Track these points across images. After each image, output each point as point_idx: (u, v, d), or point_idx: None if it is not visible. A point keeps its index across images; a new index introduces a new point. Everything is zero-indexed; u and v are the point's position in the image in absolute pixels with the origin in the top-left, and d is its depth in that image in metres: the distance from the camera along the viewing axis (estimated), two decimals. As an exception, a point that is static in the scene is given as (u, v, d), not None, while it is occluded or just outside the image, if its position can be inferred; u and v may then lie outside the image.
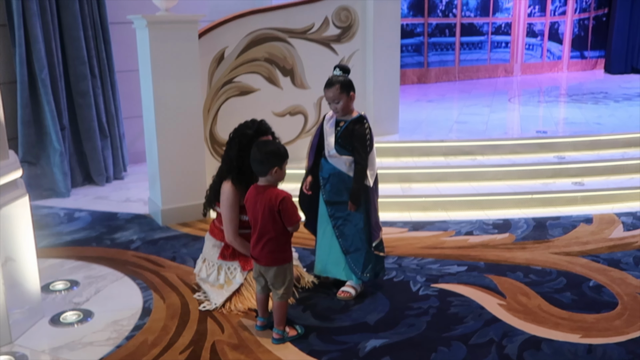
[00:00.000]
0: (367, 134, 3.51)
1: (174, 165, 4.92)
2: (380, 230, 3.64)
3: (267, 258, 3.05)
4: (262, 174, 3.05)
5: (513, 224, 4.84)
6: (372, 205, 3.58)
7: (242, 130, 3.47)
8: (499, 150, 5.84)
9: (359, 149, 3.49)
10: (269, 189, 3.03)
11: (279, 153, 3.05)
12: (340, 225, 3.61)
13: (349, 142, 3.51)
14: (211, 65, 5.17)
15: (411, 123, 6.80)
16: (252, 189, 3.11)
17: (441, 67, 11.35)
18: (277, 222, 3.01)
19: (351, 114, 3.57)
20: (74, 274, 4.02)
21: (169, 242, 4.58)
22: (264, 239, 3.04)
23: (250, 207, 3.09)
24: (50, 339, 3.20)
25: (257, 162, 3.04)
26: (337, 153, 3.54)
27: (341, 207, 3.58)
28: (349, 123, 3.53)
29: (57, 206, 5.63)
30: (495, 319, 3.32)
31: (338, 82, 3.48)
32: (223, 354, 3.01)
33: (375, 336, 3.16)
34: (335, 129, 3.57)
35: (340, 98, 3.47)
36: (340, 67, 3.57)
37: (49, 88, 5.74)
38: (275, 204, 2.98)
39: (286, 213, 2.99)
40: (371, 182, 3.55)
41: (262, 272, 3.11)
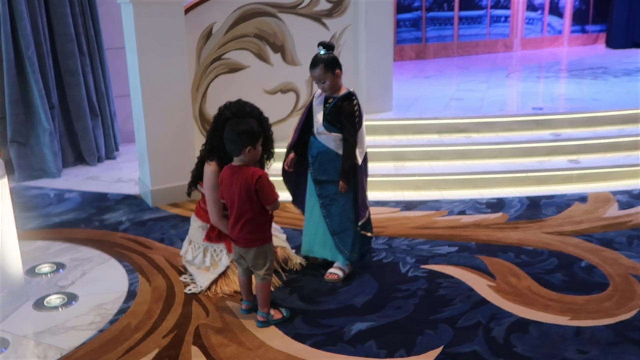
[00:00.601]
0: (356, 111, 3.43)
1: (162, 145, 4.84)
2: (367, 210, 3.58)
3: (246, 239, 2.99)
4: (236, 154, 2.98)
5: (507, 203, 4.77)
6: (360, 184, 3.52)
7: (221, 111, 3.38)
8: (494, 128, 5.75)
9: (348, 126, 3.42)
10: (244, 168, 2.96)
11: (251, 132, 2.96)
12: (328, 204, 3.56)
13: (337, 119, 3.44)
14: (199, 42, 5.06)
15: (406, 100, 6.69)
16: (227, 169, 3.04)
17: (439, 43, 11.17)
18: (254, 202, 2.94)
19: (340, 91, 3.48)
20: (60, 257, 3.97)
21: (157, 224, 4.53)
22: (242, 220, 2.97)
23: (225, 188, 3.03)
24: (33, 323, 3.17)
25: (229, 141, 2.97)
26: (326, 130, 3.47)
27: (328, 187, 3.53)
28: (338, 100, 3.45)
29: (47, 187, 5.57)
30: (484, 301, 3.27)
31: (322, 62, 3.39)
32: (206, 338, 2.97)
33: (362, 319, 3.12)
34: (323, 106, 3.50)
35: (326, 77, 3.39)
36: (323, 44, 3.47)
37: (36, 66, 5.64)
38: (251, 183, 2.91)
39: (263, 192, 2.92)
40: (360, 160, 3.48)
41: (242, 254, 3.05)
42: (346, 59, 5.80)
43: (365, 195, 3.59)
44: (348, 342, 2.91)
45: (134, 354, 2.84)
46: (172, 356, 2.82)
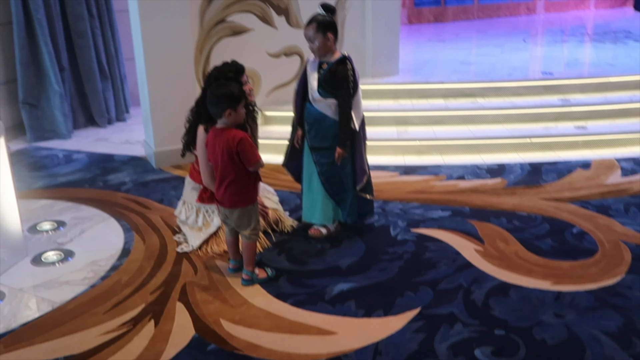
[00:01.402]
0: (350, 75, 3.39)
1: (165, 108, 4.90)
2: (365, 174, 3.57)
3: (230, 200, 3.05)
4: (217, 116, 3.01)
5: (508, 168, 4.74)
6: (358, 149, 3.52)
7: (223, 73, 3.39)
8: (502, 93, 5.68)
9: (342, 91, 3.39)
10: (226, 131, 3.00)
11: (231, 95, 2.97)
12: (326, 171, 3.56)
13: (332, 85, 3.41)
14: (202, 4, 5.06)
15: (416, 64, 6.63)
16: (211, 132, 3.08)
17: (459, 5, 10.98)
18: (236, 164, 2.99)
19: (334, 56, 3.45)
20: (62, 215, 4.09)
21: (159, 185, 4.62)
22: (226, 181, 3.02)
23: (210, 150, 3.08)
24: (30, 278, 3.29)
25: (211, 104, 3.00)
26: (321, 96, 3.44)
27: (326, 153, 3.51)
28: (332, 64, 3.42)
29: (57, 148, 5.70)
30: (469, 265, 3.29)
31: (315, 21, 3.37)
32: (192, 295, 3.06)
33: (345, 280, 3.17)
34: (318, 72, 3.47)
35: (316, 38, 3.36)
36: (323, 5, 3.43)
37: (45, 28, 5.71)
38: (233, 145, 2.95)
39: (245, 154, 2.96)
40: (357, 125, 3.46)
41: (227, 214, 3.11)
42: (353, 22, 5.76)
43: (363, 160, 3.57)
44: (328, 302, 2.97)
45: (121, 309, 2.95)
46: (157, 311, 2.92)
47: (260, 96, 5.52)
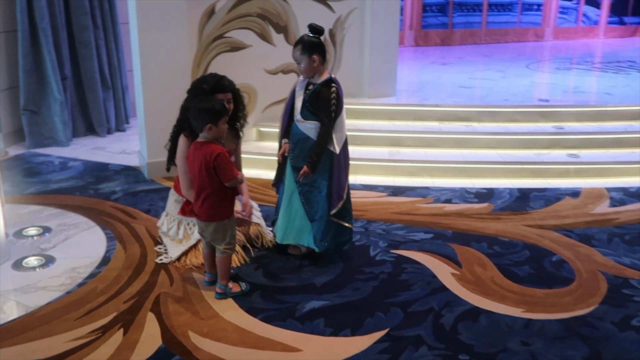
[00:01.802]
0: (333, 98, 3.37)
1: (160, 119, 4.94)
2: (341, 200, 3.50)
3: (207, 214, 3.09)
4: (199, 130, 3.06)
5: (496, 193, 4.74)
6: (336, 173, 3.48)
7: (199, 85, 3.45)
8: (497, 118, 5.70)
9: (323, 113, 3.39)
10: (206, 145, 3.04)
11: (213, 110, 3.01)
12: (307, 192, 3.53)
13: (316, 106, 3.41)
14: (201, 19, 5.14)
15: (414, 86, 6.67)
16: (192, 145, 3.13)
17: (466, 29, 11.03)
18: (213, 178, 3.02)
19: (320, 77, 3.44)
20: (49, 221, 4.15)
21: (148, 195, 4.67)
22: (203, 194, 3.06)
23: (190, 163, 3.12)
24: (9, 281, 3.33)
25: (192, 117, 3.06)
26: (304, 117, 3.45)
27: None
28: (317, 86, 3.43)
29: (54, 155, 5.78)
30: (443, 288, 3.30)
31: (301, 43, 3.39)
32: (164, 305, 3.08)
33: (318, 297, 3.18)
34: (304, 92, 3.50)
35: (302, 59, 3.38)
36: (310, 26, 3.44)
37: (50, 37, 5.83)
38: (210, 160, 2.99)
39: (221, 169, 3.00)
40: (337, 148, 3.45)
41: (203, 227, 3.15)
42: (351, 42, 5.82)
43: (340, 184, 3.51)
44: (297, 319, 2.98)
45: (92, 316, 2.98)
46: (127, 320, 2.95)
47: (256, 112, 5.58)
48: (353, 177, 5.03)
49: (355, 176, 5.07)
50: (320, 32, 3.45)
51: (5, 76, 5.93)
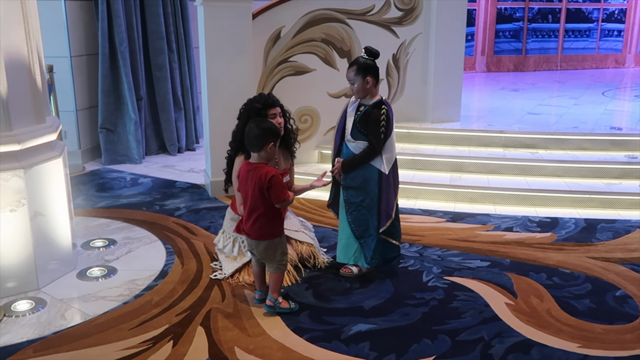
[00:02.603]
0: (382, 120, 3.44)
1: (223, 140, 5.00)
2: (390, 219, 3.56)
3: (257, 232, 3.15)
4: (256, 150, 3.13)
5: (561, 223, 4.57)
6: (384, 192, 3.54)
7: (250, 105, 3.55)
8: (565, 145, 5.52)
9: (372, 134, 3.46)
10: (260, 167, 3.12)
11: (275, 129, 3.14)
12: (354, 210, 3.60)
13: (365, 127, 3.49)
14: (267, 44, 5.29)
15: (481, 111, 6.57)
16: (244, 166, 3.20)
17: (541, 55, 10.76)
18: (266, 199, 3.10)
19: (372, 98, 3.52)
20: (115, 234, 4.34)
21: (210, 213, 4.81)
22: (255, 214, 3.13)
23: (242, 183, 3.20)
24: (72, 290, 3.51)
25: (253, 137, 3.12)
26: (354, 138, 3.53)
27: (354, 193, 3.58)
28: (368, 107, 3.50)
29: (127, 171, 6.06)
30: (495, 318, 3.20)
31: (356, 64, 3.47)
32: (214, 320, 3.15)
33: (365, 321, 3.16)
34: (355, 113, 3.56)
35: (356, 80, 3.45)
36: (366, 49, 3.53)
37: (127, 60, 6.15)
38: (264, 182, 3.06)
39: (274, 191, 3.07)
40: (387, 169, 3.50)
41: (253, 246, 3.21)
42: (414, 67, 5.82)
43: (389, 204, 3.56)
44: (343, 341, 2.97)
45: (145, 327, 3.08)
46: (177, 333, 3.03)
47: (318, 135, 5.66)
48: (413, 201, 5.02)
49: (415, 200, 5.04)
50: (376, 55, 3.51)
51: (86, 96, 6.30)
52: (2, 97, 3.19)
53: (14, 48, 3.25)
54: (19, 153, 3.29)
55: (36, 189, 3.39)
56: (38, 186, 3.40)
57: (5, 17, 3.18)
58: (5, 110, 3.21)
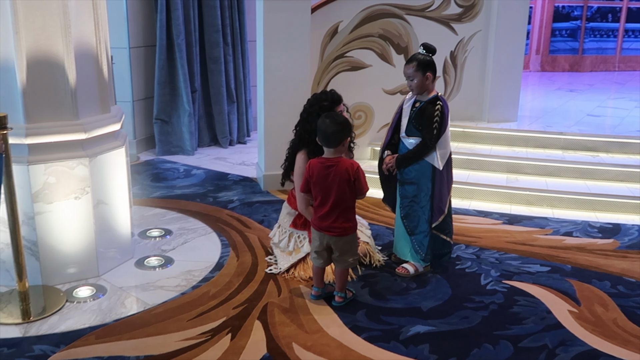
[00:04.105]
0: (436, 115, 3.43)
1: (278, 134, 5.11)
2: (442, 214, 3.57)
3: (342, 228, 3.16)
4: (334, 145, 3.12)
5: (623, 230, 4.42)
6: (437, 187, 3.53)
7: (319, 103, 3.53)
8: (628, 149, 5.33)
9: (425, 129, 3.45)
10: (341, 160, 3.13)
11: (350, 123, 3.17)
12: (407, 205, 3.62)
13: (420, 122, 3.48)
14: (324, 39, 5.26)
15: (538, 112, 6.40)
16: (317, 164, 3.16)
17: (598, 55, 10.45)
18: (352, 192, 3.13)
19: (429, 94, 3.50)
20: (171, 224, 4.39)
21: (263, 206, 4.82)
22: (339, 209, 3.13)
23: (319, 181, 3.15)
24: (131, 278, 3.56)
25: (331, 133, 3.09)
26: (409, 134, 3.54)
27: (409, 188, 3.59)
28: (424, 103, 3.48)
29: (180, 162, 6.13)
30: (559, 325, 3.11)
31: (416, 60, 3.44)
32: (271, 315, 3.15)
33: (424, 322, 3.11)
34: (411, 109, 3.54)
35: (415, 76, 3.42)
36: (424, 45, 3.51)
37: (184, 52, 6.21)
38: (351, 173, 3.09)
39: (359, 182, 3.11)
40: (440, 164, 3.49)
41: (331, 243, 3.19)
42: (472, 65, 5.71)
43: (442, 199, 3.57)
44: (402, 342, 2.93)
45: (203, 319, 3.10)
46: (235, 326, 3.04)
47: (372, 132, 5.61)
48: (467, 201, 4.93)
49: (470, 201, 4.95)
50: (433, 51, 3.50)
51: (143, 87, 6.39)
52: (70, 86, 3.24)
53: (84, 38, 3.31)
54: (85, 142, 3.35)
55: (100, 177, 3.45)
56: (102, 175, 3.46)
57: (76, 7, 3.23)
58: (73, 99, 3.27)
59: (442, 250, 3.70)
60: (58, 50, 3.19)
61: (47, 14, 3.13)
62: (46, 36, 3.15)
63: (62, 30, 3.17)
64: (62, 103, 3.26)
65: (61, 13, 3.15)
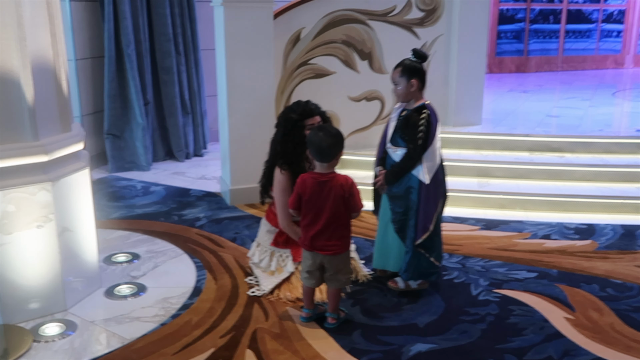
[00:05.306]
0: (422, 124, 3.23)
1: (244, 146, 4.90)
2: (427, 232, 3.30)
3: (337, 246, 2.99)
4: (329, 159, 2.94)
5: (598, 230, 4.44)
6: (423, 202, 3.29)
7: (287, 115, 3.36)
8: (592, 149, 5.39)
9: (410, 138, 3.26)
10: (335, 176, 2.97)
11: (341, 137, 2.99)
12: (400, 220, 3.41)
13: (406, 132, 3.30)
14: (287, 46, 5.09)
15: (499, 114, 6.43)
16: (310, 179, 2.98)
17: (542, 56, 10.71)
18: (347, 207, 2.96)
19: (416, 103, 3.33)
20: (137, 247, 4.10)
21: (233, 223, 4.58)
22: (332, 227, 2.95)
23: (313, 198, 2.96)
24: (102, 310, 3.27)
25: (326, 147, 2.91)
26: (392, 144, 3.36)
27: (399, 202, 3.39)
28: (410, 111, 3.32)
29: (136, 179, 5.81)
30: (559, 334, 3.03)
31: (402, 65, 3.28)
32: (262, 343, 2.94)
33: (423, 340, 2.98)
34: (397, 119, 3.39)
35: (399, 82, 3.27)
36: (414, 51, 3.33)
37: (134, 63, 5.90)
38: (346, 189, 2.92)
39: (354, 198, 2.95)
40: (427, 178, 3.27)
41: (325, 262, 3.01)
42: (436, 69, 5.65)
43: (428, 216, 3.31)
44: (405, 363, 2.79)
45: (190, 351, 2.86)
46: (226, 357, 2.82)
47: (338, 139, 5.46)
48: (442, 208, 4.84)
49: (443, 208, 4.87)
50: (424, 57, 3.33)
51: (91, 101, 6.03)
52: (28, 104, 2.94)
53: (40, 52, 3.01)
54: (47, 164, 3.04)
55: (64, 202, 3.15)
56: (66, 199, 3.16)
57: (31, 18, 2.93)
58: (31, 118, 2.96)
59: (427, 270, 3.41)
60: (13, 65, 2.88)
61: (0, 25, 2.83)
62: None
63: (16, 43, 2.87)
64: (19, 123, 2.95)
65: (15, 24, 2.85)
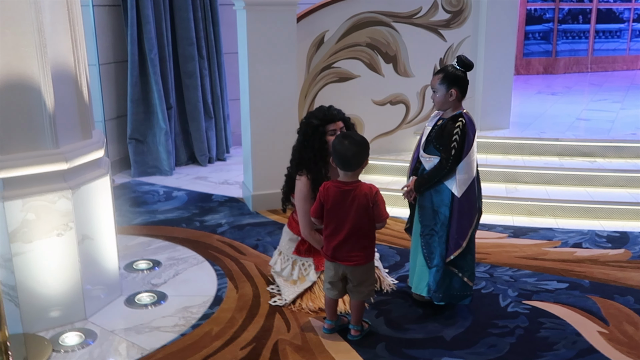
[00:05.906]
0: (456, 134, 3.08)
1: (266, 151, 4.84)
2: (459, 248, 3.13)
3: (359, 257, 2.90)
4: (354, 168, 2.86)
5: (632, 238, 4.28)
6: (455, 217, 3.14)
7: (308, 120, 3.29)
8: (624, 153, 5.22)
9: (444, 148, 3.11)
10: (359, 184, 2.88)
11: (368, 143, 2.92)
12: (427, 234, 3.24)
13: (440, 142, 3.15)
14: (310, 50, 5.02)
15: (527, 117, 6.28)
16: (334, 188, 2.89)
17: (571, 57, 10.47)
18: (370, 217, 2.87)
19: (452, 112, 3.16)
20: (158, 254, 4.06)
21: (254, 229, 4.52)
22: (355, 237, 2.87)
23: (336, 207, 2.88)
24: (122, 319, 3.23)
25: (352, 156, 2.83)
26: (426, 153, 3.21)
27: (429, 215, 3.22)
28: (446, 120, 3.17)
29: (158, 184, 5.79)
30: (592, 350, 2.91)
31: (443, 72, 3.12)
32: (284, 355, 2.87)
33: (450, 354, 2.88)
34: (433, 127, 3.25)
35: (438, 90, 3.11)
36: (459, 59, 3.13)
37: (157, 68, 5.88)
38: (371, 198, 2.84)
39: (378, 208, 2.85)
40: (459, 191, 3.12)
41: (347, 273, 2.93)
42: (462, 71, 5.52)
43: (462, 232, 3.14)
44: (431, 379, 2.69)
45: (210, 363, 2.81)
46: (246, 370, 2.75)
47: (362, 144, 5.37)
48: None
49: (469, 214, 4.74)
50: (469, 67, 3.13)
51: (115, 106, 6.03)
52: (48, 112, 2.91)
53: (61, 58, 2.98)
54: (67, 172, 3.01)
55: (84, 210, 3.12)
56: (86, 207, 3.13)
57: (51, 24, 2.91)
58: (52, 125, 2.93)
59: (460, 292, 3.22)
60: (33, 72, 2.86)
61: (19, 32, 2.80)
62: (19, 57, 2.82)
63: (36, 49, 2.84)
64: (39, 130, 2.93)
65: (35, 31, 2.82)
